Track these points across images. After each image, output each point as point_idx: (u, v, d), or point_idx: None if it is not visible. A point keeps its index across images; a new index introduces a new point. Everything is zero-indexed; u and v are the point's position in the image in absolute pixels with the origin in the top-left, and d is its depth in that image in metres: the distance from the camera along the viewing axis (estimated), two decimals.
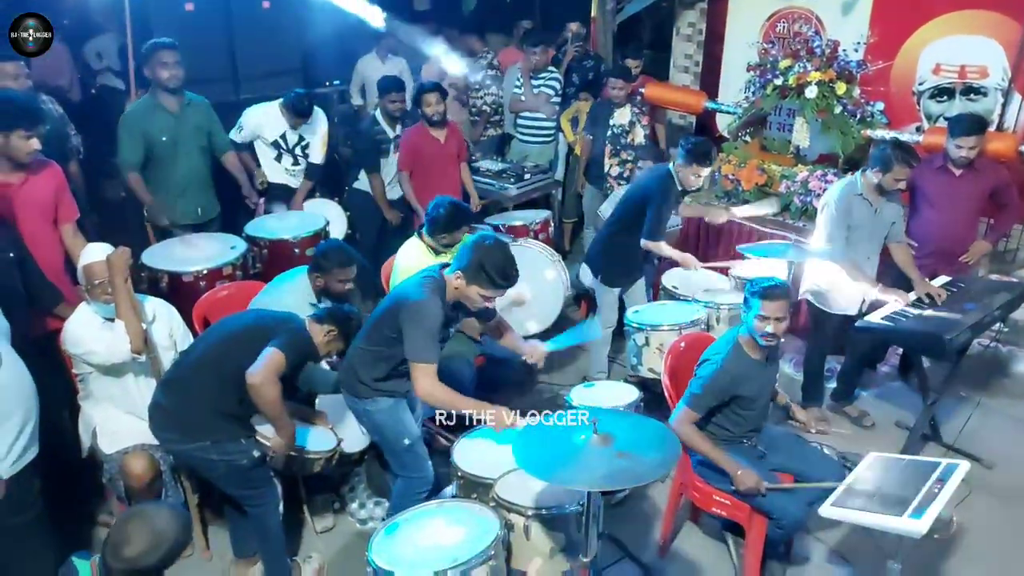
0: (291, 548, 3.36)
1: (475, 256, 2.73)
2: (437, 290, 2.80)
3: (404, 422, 3.03)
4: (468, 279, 2.75)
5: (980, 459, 3.91)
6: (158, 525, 2.05)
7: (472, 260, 2.73)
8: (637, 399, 3.39)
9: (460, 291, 2.79)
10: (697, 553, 3.41)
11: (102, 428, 3.16)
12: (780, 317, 2.90)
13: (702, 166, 3.95)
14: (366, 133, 5.05)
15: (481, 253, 2.73)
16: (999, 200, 4.16)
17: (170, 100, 4.31)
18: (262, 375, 2.72)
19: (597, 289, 4.36)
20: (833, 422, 4.28)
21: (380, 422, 3.01)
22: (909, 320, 3.59)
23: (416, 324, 2.73)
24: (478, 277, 2.73)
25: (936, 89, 5.38)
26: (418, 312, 2.73)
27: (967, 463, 2.63)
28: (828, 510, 2.56)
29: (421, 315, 2.72)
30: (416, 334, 2.73)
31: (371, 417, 3.01)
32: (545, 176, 5.74)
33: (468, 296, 2.79)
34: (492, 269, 2.72)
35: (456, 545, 2.39)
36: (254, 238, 4.24)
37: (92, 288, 3.03)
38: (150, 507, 2.17)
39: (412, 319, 2.73)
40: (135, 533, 2.02)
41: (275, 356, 2.76)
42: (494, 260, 2.73)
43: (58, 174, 3.51)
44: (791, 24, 5.88)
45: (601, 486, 2.20)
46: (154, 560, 2.02)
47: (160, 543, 2.02)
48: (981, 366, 4.55)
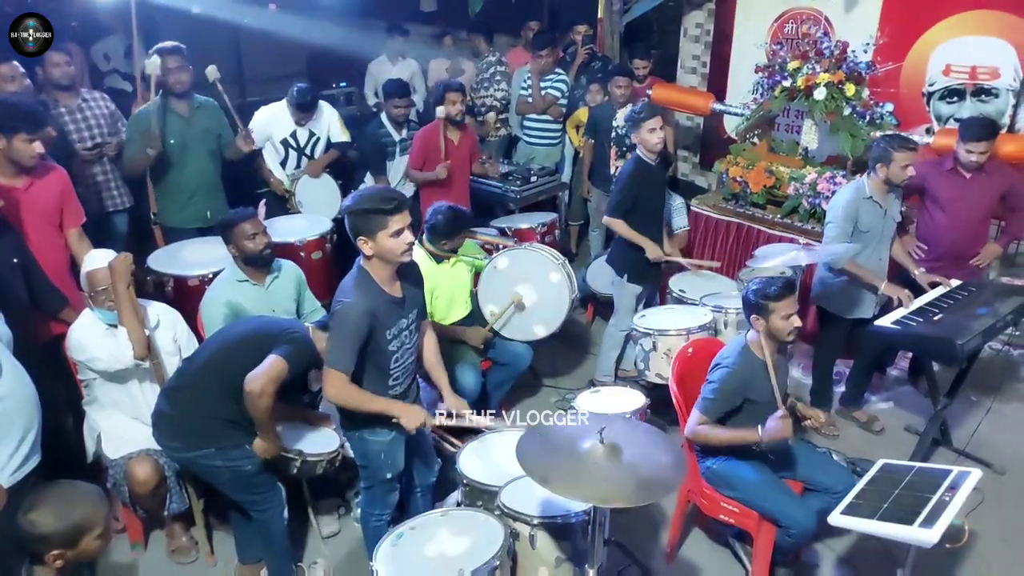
0: (296, 553, 3.35)
1: (351, 208, 2.59)
2: (361, 283, 2.63)
3: (395, 458, 2.87)
4: (366, 231, 2.56)
5: (991, 465, 3.87)
6: (70, 499, 2.06)
7: (356, 218, 2.58)
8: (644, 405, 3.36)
9: (377, 251, 2.59)
10: (705, 560, 3.38)
11: (107, 434, 3.16)
12: (795, 309, 2.94)
13: (648, 120, 3.96)
14: (372, 136, 5.04)
15: (353, 202, 2.61)
16: (1010, 203, 4.12)
17: (180, 104, 4.30)
18: (261, 382, 2.70)
19: (618, 290, 4.32)
20: (842, 427, 4.25)
21: (373, 452, 2.84)
22: (920, 324, 3.55)
23: (335, 329, 2.62)
24: (370, 220, 2.55)
25: (946, 90, 5.33)
26: (336, 318, 2.61)
27: (979, 471, 2.61)
28: (837, 518, 2.54)
29: (337, 320, 2.60)
30: (334, 338, 2.62)
31: (365, 445, 2.84)
32: (551, 178, 5.72)
33: (387, 248, 2.57)
34: (371, 201, 2.58)
35: (461, 555, 2.37)
36: None
37: (95, 295, 3.03)
38: (73, 484, 2.16)
39: (333, 325, 2.64)
40: (44, 501, 2.03)
41: (276, 364, 2.74)
42: (368, 194, 2.65)
43: (63, 178, 3.50)
44: (799, 25, 5.84)
45: (609, 502, 2.16)
46: (51, 530, 2.00)
47: (64, 516, 2.02)
48: (993, 370, 4.50)
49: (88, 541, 2.08)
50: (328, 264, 4.38)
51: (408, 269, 2.78)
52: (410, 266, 2.80)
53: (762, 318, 2.92)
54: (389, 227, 2.55)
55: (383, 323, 2.63)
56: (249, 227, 3.35)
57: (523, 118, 6.08)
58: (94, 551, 2.13)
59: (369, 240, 2.57)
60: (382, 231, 2.55)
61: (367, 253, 2.61)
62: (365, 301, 2.59)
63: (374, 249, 2.58)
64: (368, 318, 2.58)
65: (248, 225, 3.35)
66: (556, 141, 6.12)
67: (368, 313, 2.58)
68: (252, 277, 3.43)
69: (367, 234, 2.57)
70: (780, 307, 2.89)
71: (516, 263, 3.98)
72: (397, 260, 2.63)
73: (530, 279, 3.96)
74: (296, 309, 3.59)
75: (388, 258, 2.61)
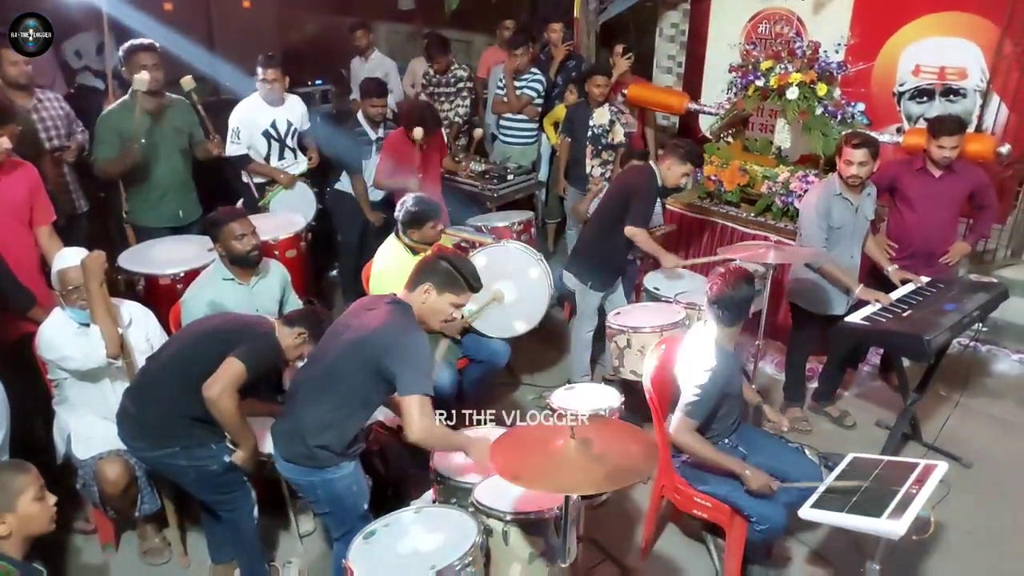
0: (270, 552, 3.34)
1: (442, 265, 2.65)
2: (413, 319, 2.63)
3: (362, 483, 2.75)
4: (439, 288, 2.62)
5: (959, 458, 3.94)
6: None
7: (440, 268, 2.64)
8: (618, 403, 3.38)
9: (428, 305, 2.63)
10: (679, 555, 3.41)
11: (76, 434, 3.12)
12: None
13: (689, 164, 4.04)
14: (348, 134, 5.02)
15: (448, 262, 2.65)
16: (978, 201, 4.19)
17: (150, 101, 4.26)
18: (219, 387, 2.67)
19: (581, 296, 4.34)
20: (814, 422, 4.30)
21: (342, 490, 2.67)
22: (889, 321, 3.60)
23: (416, 358, 2.54)
24: (450, 283, 2.62)
25: (916, 90, 5.42)
26: (414, 348, 2.54)
27: (945, 464, 2.65)
28: (808, 512, 2.57)
29: (417, 350, 2.54)
30: (417, 367, 2.52)
31: (331, 487, 2.65)
32: (528, 177, 5.73)
33: (437, 309, 2.63)
34: (464, 272, 2.65)
35: (434, 551, 2.37)
36: None
37: (67, 293, 2.99)
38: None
39: (412, 354, 2.52)
40: None
41: (232, 367, 2.69)
42: (463, 264, 2.69)
43: (32, 175, 3.46)
44: (772, 25, 5.91)
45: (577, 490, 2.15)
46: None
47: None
48: (961, 366, 4.58)
49: (26, 504, 2.14)
50: (303, 262, 4.37)
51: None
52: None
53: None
54: (459, 299, 2.64)
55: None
56: (238, 227, 3.30)
57: (499, 117, 6.08)
58: (39, 516, 2.18)
59: (438, 295, 2.62)
60: (454, 297, 2.63)
61: (422, 300, 2.62)
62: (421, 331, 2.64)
63: (431, 304, 2.62)
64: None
65: (237, 225, 3.30)
66: (532, 140, 6.13)
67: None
68: (237, 276, 3.39)
69: (442, 290, 2.62)
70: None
71: (495, 260, 3.99)
72: (435, 326, 2.67)
73: (510, 276, 3.97)
74: (279, 310, 3.56)
75: (429, 317, 2.65)
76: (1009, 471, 3.92)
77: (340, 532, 2.75)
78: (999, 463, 3.98)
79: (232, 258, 3.35)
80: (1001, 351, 4.93)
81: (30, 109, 4.22)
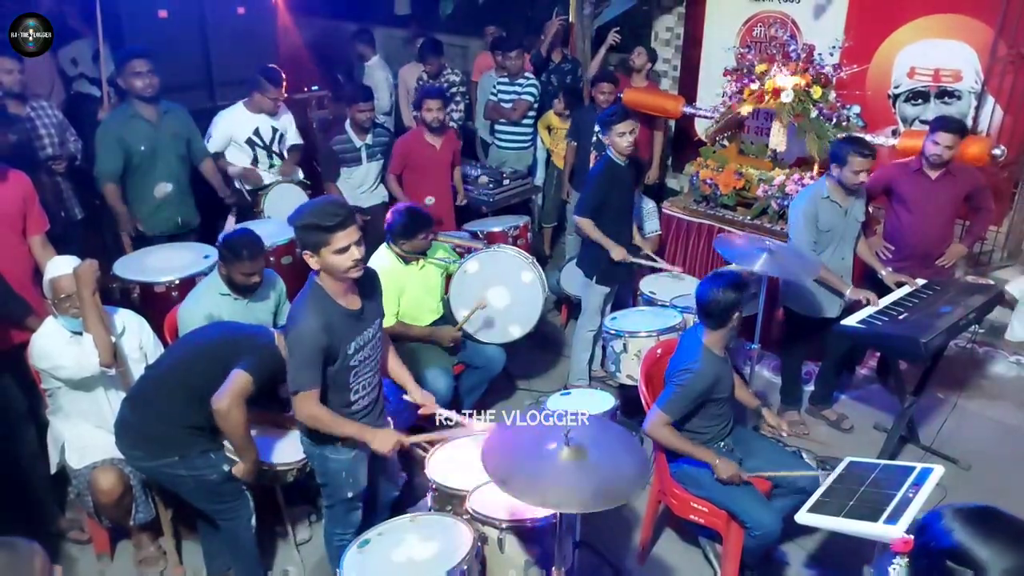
0: (267, 561, 3.32)
1: (298, 230, 2.50)
2: (314, 298, 2.55)
3: (357, 477, 2.80)
4: (313, 248, 2.47)
5: (957, 461, 3.93)
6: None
7: (300, 234, 2.49)
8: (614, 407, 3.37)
9: (323, 267, 2.50)
10: (676, 560, 3.40)
11: (70, 443, 3.10)
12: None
13: (620, 123, 3.96)
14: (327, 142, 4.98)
15: (297, 216, 2.50)
16: (974, 203, 4.19)
17: (147, 109, 4.24)
18: (229, 401, 2.67)
19: (586, 291, 4.32)
20: (811, 425, 4.29)
21: (333, 471, 2.76)
22: (885, 323, 3.60)
23: (293, 353, 2.53)
24: (316, 238, 2.45)
25: (911, 92, 5.43)
26: (291, 342, 2.53)
27: (941, 468, 2.64)
28: (805, 516, 2.56)
29: (293, 344, 2.52)
30: (293, 361, 2.54)
31: (325, 463, 2.76)
32: (524, 181, 5.72)
33: (332, 265, 2.48)
34: (315, 220, 2.45)
35: (429, 560, 2.37)
36: None
37: (59, 302, 2.98)
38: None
39: (290, 348, 2.54)
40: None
41: (241, 380, 2.70)
42: (311, 208, 2.53)
43: (25, 184, 3.45)
44: (767, 28, 5.91)
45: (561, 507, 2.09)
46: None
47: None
48: (958, 368, 4.57)
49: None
50: (298, 269, 4.32)
51: (366, 279, 2.66)
52: (368, 276, 2.69)
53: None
54: (332, 244, 2.44)
55: (341, 337, 2.55)
56: (249, 267, 3.28)
57: (493, 123, 6.07)
58: None
59: (314, 256, 2.48)
60: (325, 247, 2.45)
61: (314, 266, 2.51)
62: (319, 317, 2.50)
63: (320, 264, 2.49)
64: (324, 334, 2.49)
65: (248, 265, 3.28)
66: (527, 144, 6.12)
67: (323, 329, 2.49)
68: (234, 293, 3.39)
69: (311, 249, 2.47)
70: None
71: (487, 266, 3.98)
72: (344, 277, 2.53)
73: (502, 281, 3.96)
74: (273, 321, 3.55)
75: (334, 275, 2.52)
76: (1007, 473, 3.90)
77: (327, 503, 2.89)
78: (997, 465, 3.96)
79: (232, 286, 3.36)
80: (998, 353, 4.92)
81: (23, 118, 4.21)
